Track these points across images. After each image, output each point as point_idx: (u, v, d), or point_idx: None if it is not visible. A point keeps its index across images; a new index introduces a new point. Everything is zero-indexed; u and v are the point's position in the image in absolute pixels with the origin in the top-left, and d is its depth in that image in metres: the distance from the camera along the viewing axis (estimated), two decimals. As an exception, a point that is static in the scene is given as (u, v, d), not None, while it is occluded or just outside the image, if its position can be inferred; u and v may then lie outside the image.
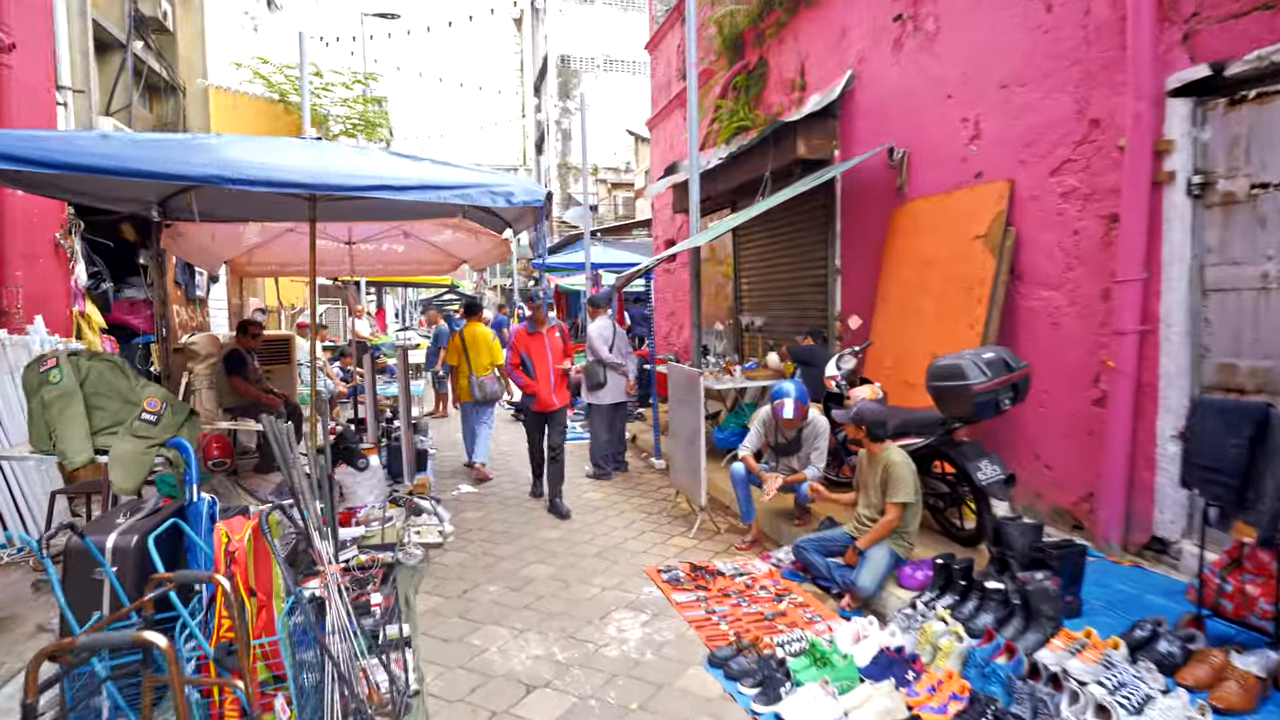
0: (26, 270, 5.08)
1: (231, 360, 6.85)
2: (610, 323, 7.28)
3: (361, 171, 3.38)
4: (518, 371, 6.13)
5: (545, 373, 6.03)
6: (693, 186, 7.27)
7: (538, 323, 6.16)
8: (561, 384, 6.16)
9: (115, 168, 2.99)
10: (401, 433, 6.72)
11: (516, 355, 6.15)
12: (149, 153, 3.16)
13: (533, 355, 6.07)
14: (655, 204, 12.80)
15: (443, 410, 11.12)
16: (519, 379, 6.11)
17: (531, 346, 6.09)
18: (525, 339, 6.12)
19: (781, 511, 5.18)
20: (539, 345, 6.09)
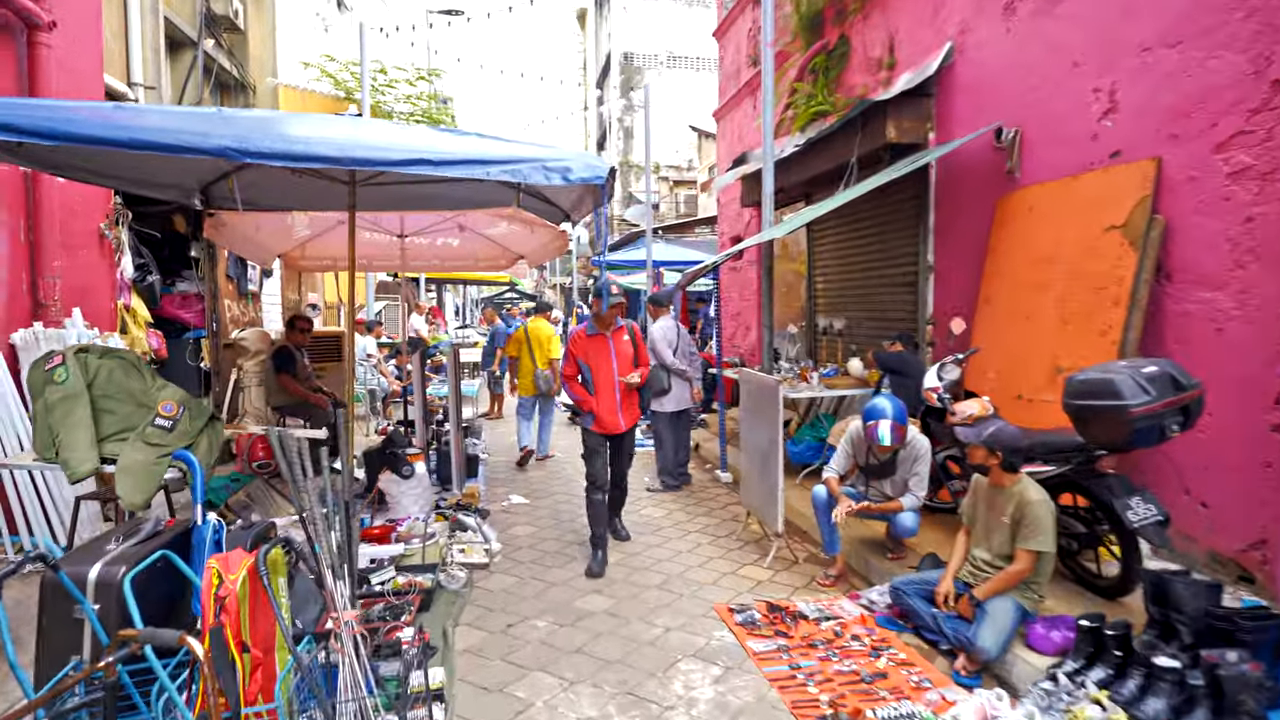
0: (66, 261, 4.84)
1: (280, 357, 6.58)
2: (674, 324, 6.73)
3: (398, 144, 2.92)
4: (573, 384, 4.77)
5: (608, 386, 4.69)
6: (766, 174, 6.65)
7: (602, 323, 4.75)
8: (630, 401, 4.79)
9: (116, 138, 2.60)
10: (451, 436, 6.35)
11: (573, 363, 4.76)
12: (161, 122, 2.76)
13: (593, 363, 4.71)
14: (721, 199, 12.18)
15: (497, 411, 10.77)
16: (574, 393, 4.75)
17: (592, 352, 4.73)
18: (584, 343, 4.75)
19: (871, 542, 4.53)
20: (601, 351, 4.73)
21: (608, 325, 4.77)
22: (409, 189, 5.06)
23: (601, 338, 4.76)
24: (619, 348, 4.77)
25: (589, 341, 4.76)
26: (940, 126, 6.04)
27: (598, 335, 4.74)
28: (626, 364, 4.77)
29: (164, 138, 2.62)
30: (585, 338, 4.76)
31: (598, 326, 4.77)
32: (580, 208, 4.74)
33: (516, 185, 4.90)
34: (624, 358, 4.78)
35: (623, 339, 4.80)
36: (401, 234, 6.79)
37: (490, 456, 7.98)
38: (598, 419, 4.71)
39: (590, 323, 4.82)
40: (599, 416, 4.71)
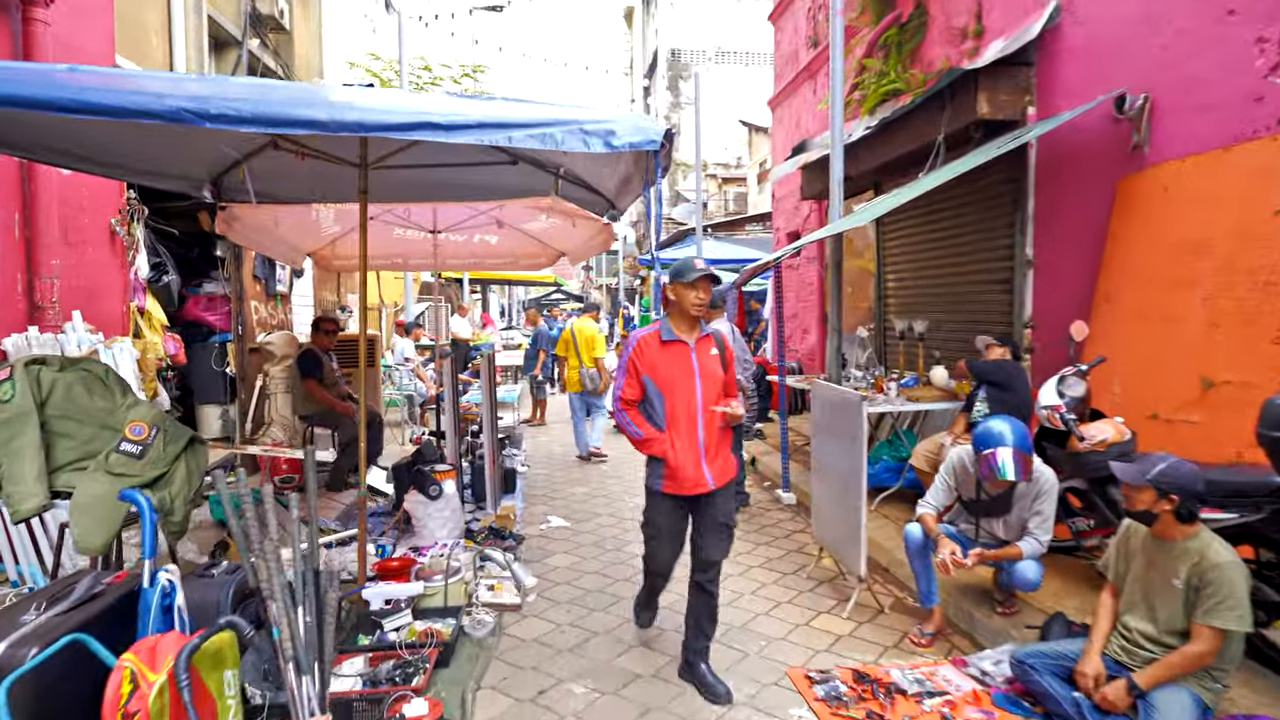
0: (68, 259, 4.44)
1: (305, 362, 6.14)
2: (729, 327, 6.05)
3: (399, 107, 2.34)
4: (633, 413, 3.14)
5: (688, 418, 3.08)
6: (835, 159, 5.93)
7: (686, 322, 3.14)
8: (722, 443, 3.18)
9: (48, 99, 2.08)
10: (485, 450, 5.80)
11: (634, 381, 3.13)
12: (111, 83, 2.22)
13: (667, 384, 3.09)
14: (776, 193, 11.42)
15: (540, 418, 10.25)
16: (635, 427, 3.12)
17: (666, 366, 3.10)
18: (653, 353, 3.11)
19: (974, 590, 3.78)
20: (680, 366, 3.10)
21: (692, 328, 3.14)
22: (431, 175, 4.52)
23: (680, 347, 3.09)
24: (704, 363, 3.12)
25: (662, 351, 3.09)
26: (1042, 99, 5.22)
27: (676, 343, 3.10)
28: (715, 387, 3.14)
29: (107, 99, 2.09)
30: (656, 345, 3.10)
31: (677, 329, 3.12)
32: (626, 191, 4.10)
33: (555, 171, 4.32)
34: (711, 378, 3.13)
35: (709, 351, 3.16)
36: (434, 230, 6.27)
37: (530, 469, 7.43)
38: (670, 471, 3.06)
39: (665, 323, 3.15)
40: (673, 468, 3.05)
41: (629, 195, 4.20)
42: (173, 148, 4.08)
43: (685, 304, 3.07)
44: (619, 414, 3.19)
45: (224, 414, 6.39)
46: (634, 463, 7.68)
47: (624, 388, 3.16)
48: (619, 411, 3.18)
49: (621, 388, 3.16)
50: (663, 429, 3.09)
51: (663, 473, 3.11)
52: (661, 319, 3.19)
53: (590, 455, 7.98)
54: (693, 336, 3.14)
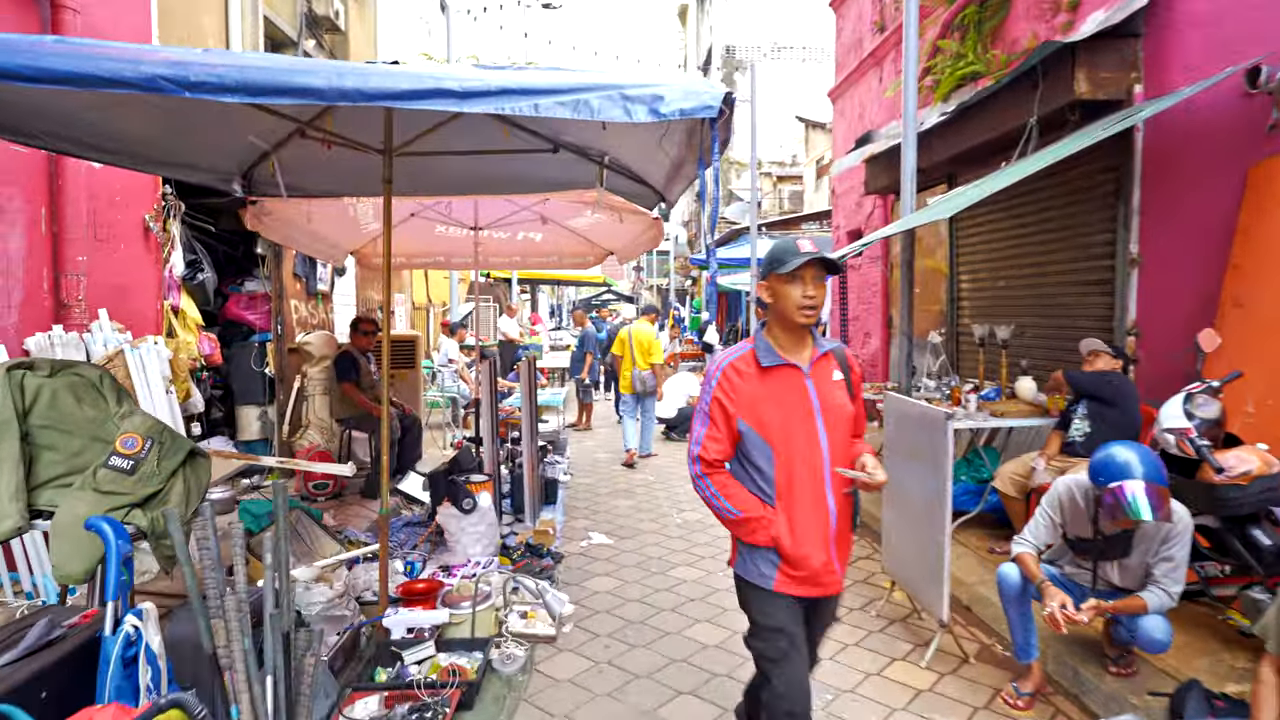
0: (98, 255, 4.28)
1: (342, 364, 5.93)
2: None
3: (410, 73, 1.99)
4: (719, 479, 2.09)
5: (810, 481, 2.07)
6: (908, 147, 5.43)
7: (791, 335, 2.09)
8: (848, 512, 2.18)
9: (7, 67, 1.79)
10: (525, 459, 5.47)
11: (723, 432, 2.08)
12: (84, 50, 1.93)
13: (772, 432, 2.06)
14: (836, 188, 10.84)
15: (586, 422, 9.92)
16: (723, 501, 2.06)
17: (768, 407, 2.07)
18: (749, 384, 2.07)
19: (1081, 643, 3.24)
20: (790, 402, 2.08)
21: (802, 342, 2.10)
22: (465, 166, 4.20)
23: (789, 375, 2.07)
24: (826, 395, 2.09)
25: (763, 382, 2.06)
26: (1151, 75, 4.60)
27: (782, 368, 2.07)
28: (843, 431, 2.11)
29: (71, 65, 1.79)
30: (753, 373, 2.07)
31: (781, 346, 2.08)
32: (677, 179, 3.68)
33: (600, 160, 3.94)
34: (837, 418, 2.09)
35: (831, 376, 2.12)
36: (476, 226, 5.98)
37: (573, 477, 7.09)
38: (788, 562, 2.06)
39: (762, 339, 2.10)
40: (791, 559, 2.05)
41: (680, 184, 3.79)
42: (201, 140, 3.87)
43: (788, 308, 2.00)
44: (700, 481, 2.07)
45: (262, 415, 6.24)
46: (682, 472, 7.27)
47: (705, 441, 2.06)
48: (699, 478, 2.07)
49: (702, 441, 2.06)
50: (770, 499, 2.04)
51: (774, 566, 2.05)
52: (756, 334, 2.12)
53: (633, 458, 7.85)
54: (806, 356, 2.07)
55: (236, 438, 6.36)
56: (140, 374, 4.18)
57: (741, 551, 2.15)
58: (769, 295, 2.07)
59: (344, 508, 5.39)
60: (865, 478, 2.02)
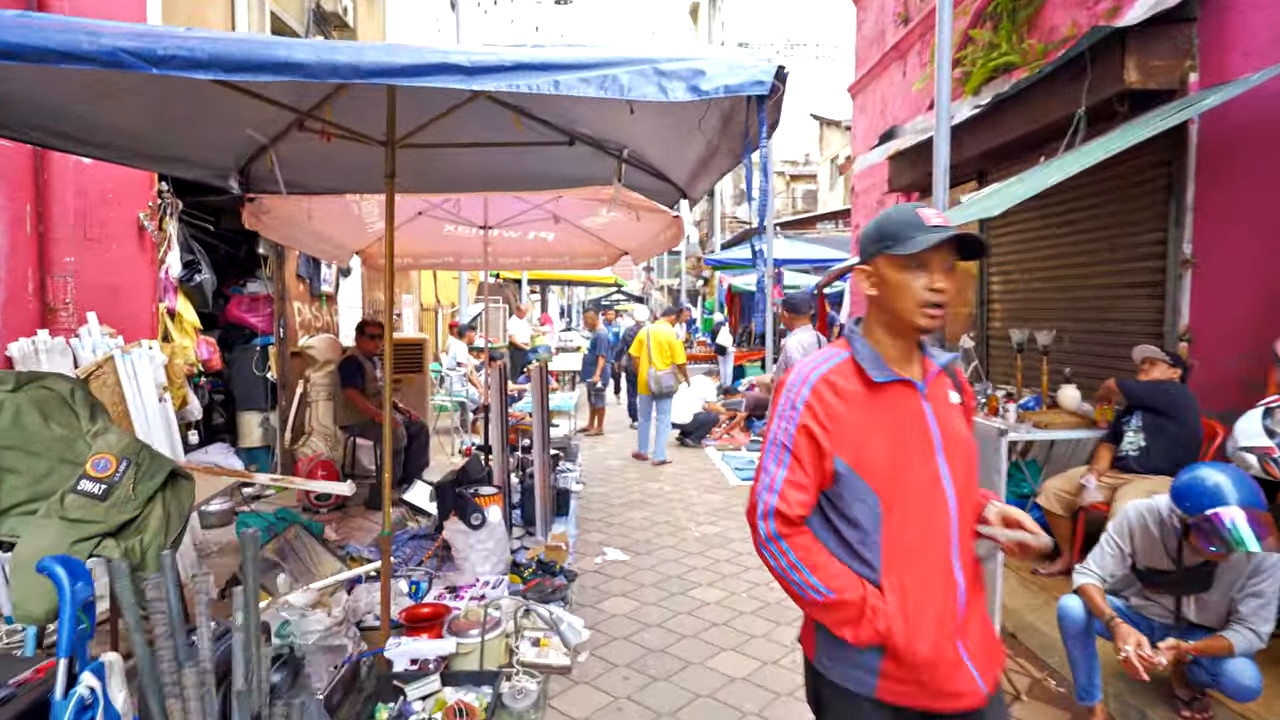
0: (88, 256, 4.07)
1: (346, 369, 5.70)
2: (814, 336, 5.32)
3: (411, 49, 1.74)
4: (799, 543, 1.43)
5: (934, 543, 1.45)
6: (940, 142, 5.12)
7: (902, 341, 1.48)
8: (979, 589, 1.54)
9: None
10: (536, 469, 5.22)
11: (808, 469, 1.43)
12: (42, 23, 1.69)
13: (878, 473, 1.43)
14: (856, 187, 10.54)
15: (598, 427, 9.66)
16: (804, 574, 1.42)
17: (872, 438, 1.43)
18: (850, 405, 1.44)
19: (1148, 683, 2.95)
20: (903, 431, 1.46)
21: (911, 352, 1.50)
22: (475, 161, 3.95)
23: (902, 394, 1.48)
24: (947, 423, 1.50)
25: (868, 403, 1.45)
26: (1208, 62, 4.30)
27: (893, 385, 1.47)
28: (969, 472, 1.52)
29: (19, 37, 1.55)
30: (856, 390, 1.46)
31: (890, 354, 1.48)
32: (704, 174, 3.40)
33: (619, 154, 3.68)
34: (960, 452, 1.50)
35: (948, 398, 1.55)
36: (485, 225, 5.75)
37: (586, 486, 6.83)
38: (897, 659, 1.43)
39: (861, 344, 1.49)
40: (900, 650, 1.42)
41: (707, 179, 3.52)
42: (195, 133, 3.64)
43: (905, 303, 1.42)
44: (772, 546, 1.42)
45: (264, 421, 6.02)
46: (698, 481, 7.01)
47: (785, 488, 1.42)
48: (772, 541, 1.42)
49: (780, 489, 1.42)
50: (873, 572, 1.43)
51: (877, 663, 1.44)
52: (850, 333, 1.53)
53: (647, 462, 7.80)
54: (918, 370, 1.50)
55: (238, 444, 6.14)
56: (131, 381, 3.95)
57: (821, 639, 1.50)
58: (873, 284, 1.48)
59: (347, 520, 5.15)
60: (1023, 538, 1.43)
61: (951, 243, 1.42)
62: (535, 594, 4.03)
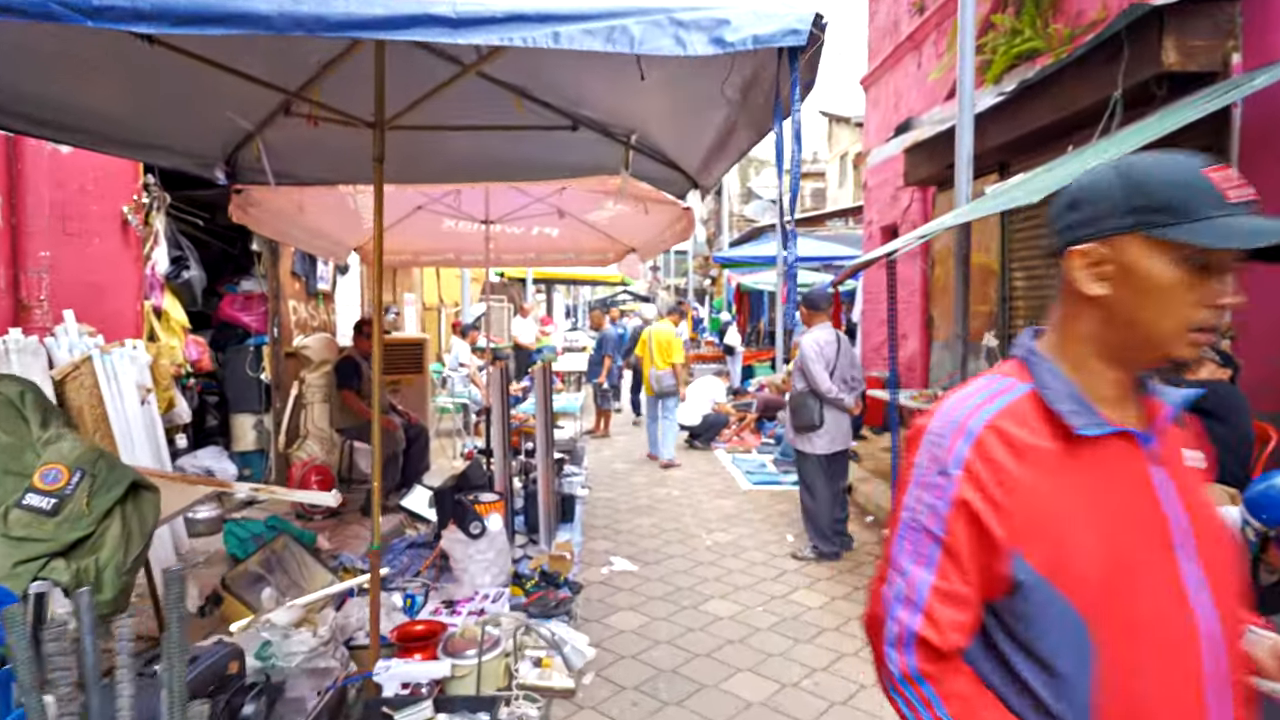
0: (66, 251, 3.86)
1: (342, 370, 5.48)
2: (833, 334, 5.07)
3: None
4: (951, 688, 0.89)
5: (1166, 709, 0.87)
6: (963, 130, 4.92)
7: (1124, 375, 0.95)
8: None
9: None
10: (539, 475, 4.99)
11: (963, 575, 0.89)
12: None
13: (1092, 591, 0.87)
14: (869, 182, 10.28)
15: (604, 429, 9.43)
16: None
17: (1082, 526, 0.88)
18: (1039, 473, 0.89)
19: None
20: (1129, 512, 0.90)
21: (1128, 391, 0.96)
22: (467, 149, 3.72)
23: (1123, 452, 0.92)
24: (1188, 492, 0.94)
25: (1069, 466, 0.90)
26: (1251, 42, 4.04)
27: (1108, 440, 0.91)
28: (1233, 587, 0.95)
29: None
30: (1051, 444, 0.90)
31: (1100, 393, 0.94)
32: (721, 155, 3.13)
33: (626, 139, 3.44)
34: (1220, 548, 0.95)
35: (1183, 457, 0.99)
36: (487, 220, 5.52)
37: (592, 490, 6.60)
38: None
39: (1056, 374, 0.94)
40: None
41: (722, 162, 3.27)
42: (175, 118, 3.43)
43: (1171, 322, 0.89)
44: (907, 692, 0.91)
45: (258, 424, 5.80)
46: (708, 485, 6.76)
47: (932, 598, 0.90)
48: (909, 684, 0.90)
49: (925, 601, 0.90)
50: None
51: None
52: (1029, 355, 0.99)
53: (663, 465, 7.70)
54: (1141, 414, 0.98)
55: (231, 448, 5.93)
56: (111, 383, 3.74)
57: None
58: (1102, 278, 0.92)
59: (342, 529, 4.94)
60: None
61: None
62: (538, 608, 3.80)
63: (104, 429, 3.66)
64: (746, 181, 30.14)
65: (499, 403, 4.92)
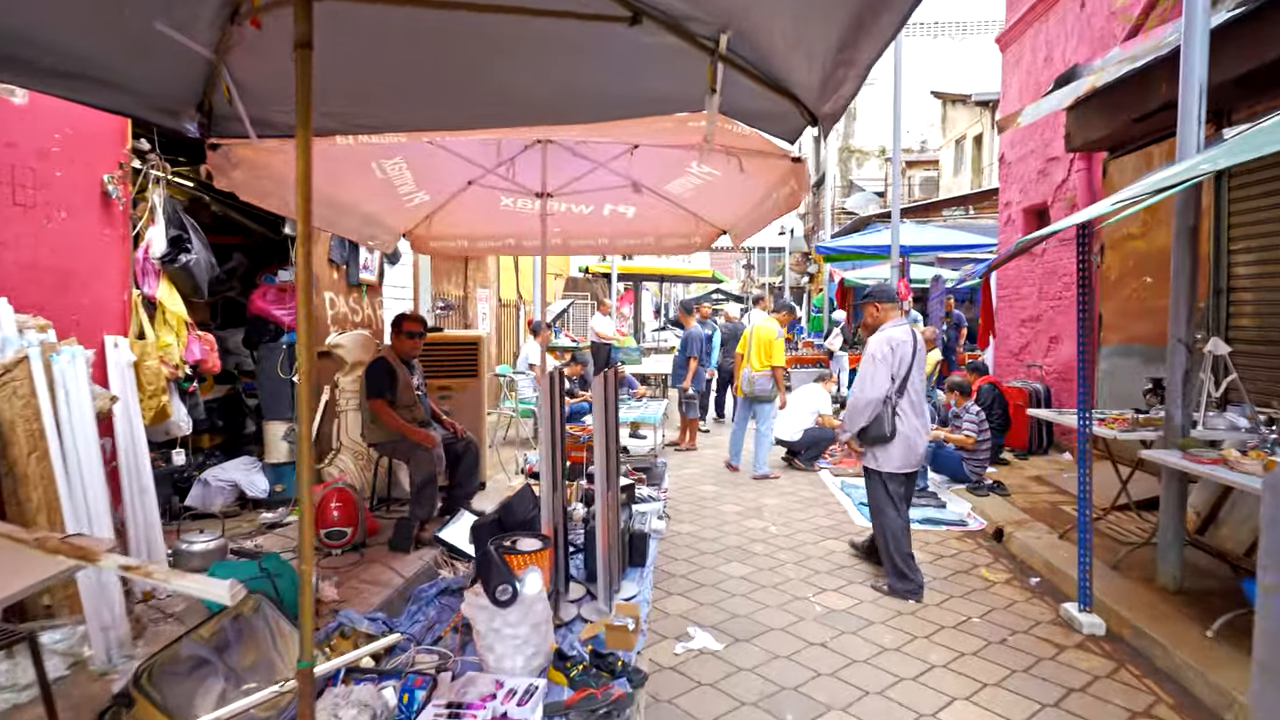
0: (18, 228, 3.12)
1: (373, 374, 4.62)
2: (908, 331, 3.92)
3: None
4: None
5: None
6: (1194, 49, 3.48)
7: None
8: None
9: None
10: (597, 517, 3.92)
11: None
12: None
13: None
14: (1007, 155, 8.68)
15: (690, 441, 8.29)
16: None
17: None
18: None
19: None
20: None
21: None
22: (474, 67, 2.64)
23: None
24: None
25: None
26: None
27: None
28: None
29: None
30: None
31: None
32: (857, 50, 1.95)
33: (713, 43, 2.30)
34: None
35: None
36: (543, 193, 4.50)
37: (670, 520, 5.49)
38: None
39: None
40: None
41: (853, 74, 2.10)
42: (124, 46, 2.59)
43: None
44: None
45: (288, 433, 5.05)
46: (813, 520, 5.51)
47: None
48: None
49: None
50: None
51: None
52: None
53: (755, 478, 6.82)
54: None
55: (264, 459, 5.22)
56: (58, 390, 2.95)
57: None
58: None
59: (360, 570, 4.04)
60: None
61: None
62: (582, 714, 2.73)
63: (40, 449, 2.88)
64: (847, 174, 28.20)
65: (549, 414, 3.87)
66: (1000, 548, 4.90)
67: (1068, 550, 4.37)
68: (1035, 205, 7.86)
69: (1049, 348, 7.57)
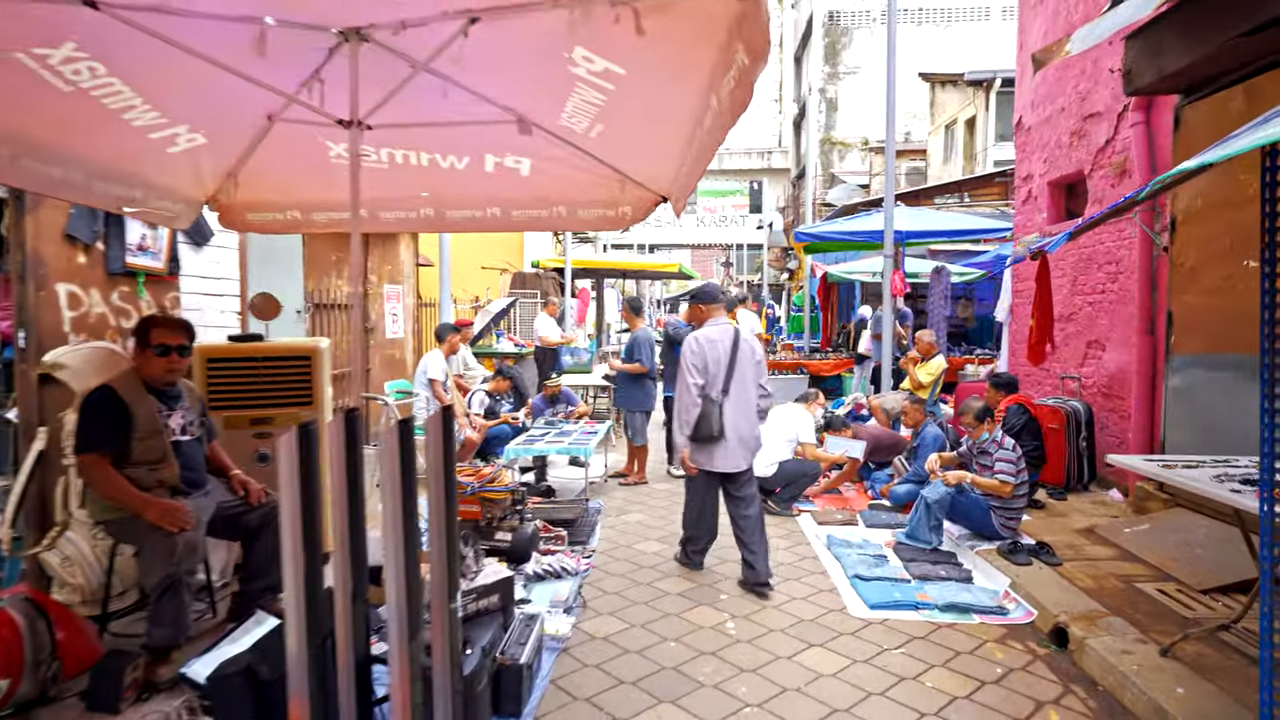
0: None
1: (88, 413, 2.92)
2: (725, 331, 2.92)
3: None
4: None
5: None
6: None
7: None
8: None
9: None
10: (391, 650, 2.25)
11: None
12: None
13: None
14: (1025, 119, 7.12)
15: (639, 473, 6.62)
16: None
17: None
18: None
19: None
20: None
21: None
22: None
23: None
24: None
25: None
26: None
27: None
28: None
29: None
30: None
31: None
32: None
33: None
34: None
35: None
36: (353, 120, 2.78)
37: (584, 608, 3.82)
38: None
39: None
40: None
41: None
42: None
43: None
44: None
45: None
46: (791, 604, 3.82)
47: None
48: None
49: None
50: None
51: None
52: None
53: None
54: None
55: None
56: None
57: None
58: None
59: None
60: None
61: None
62: None
63: None
64: (829, 167, 26.72)
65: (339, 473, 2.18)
66: (1066, 660, 3.30)
67: (1180, 675, 2.78)
68: (1065, 177, 6.30)
69: (1086, 355, 6.00)
